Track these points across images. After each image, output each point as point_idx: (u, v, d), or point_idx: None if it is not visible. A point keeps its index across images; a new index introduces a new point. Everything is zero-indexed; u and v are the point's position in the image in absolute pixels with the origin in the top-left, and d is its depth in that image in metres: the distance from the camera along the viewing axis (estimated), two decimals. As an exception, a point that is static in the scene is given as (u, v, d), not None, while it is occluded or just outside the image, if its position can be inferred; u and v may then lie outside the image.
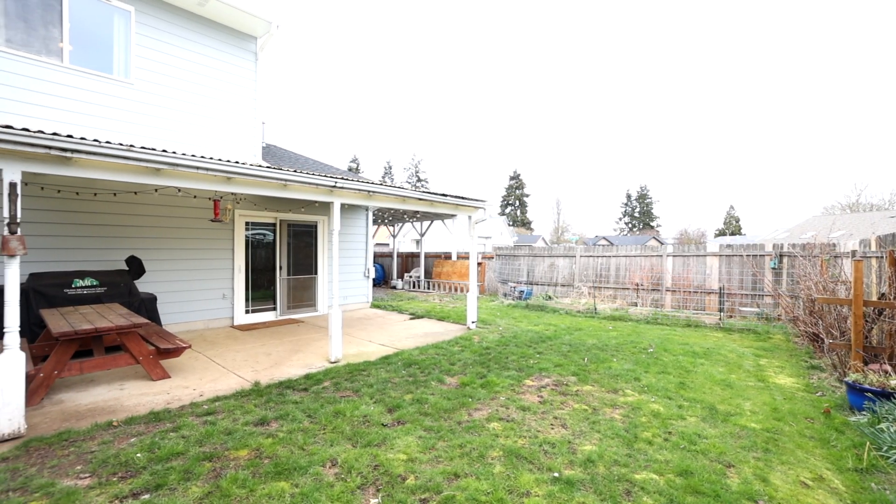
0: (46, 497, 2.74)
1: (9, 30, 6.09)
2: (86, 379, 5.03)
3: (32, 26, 6.29)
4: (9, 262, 3.64)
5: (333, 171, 12.02)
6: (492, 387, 4.95)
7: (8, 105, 6.00)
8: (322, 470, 3.08)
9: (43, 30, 6.36)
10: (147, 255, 7.24)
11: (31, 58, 6.23)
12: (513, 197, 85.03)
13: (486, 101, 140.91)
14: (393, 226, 19.08)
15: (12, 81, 6.06)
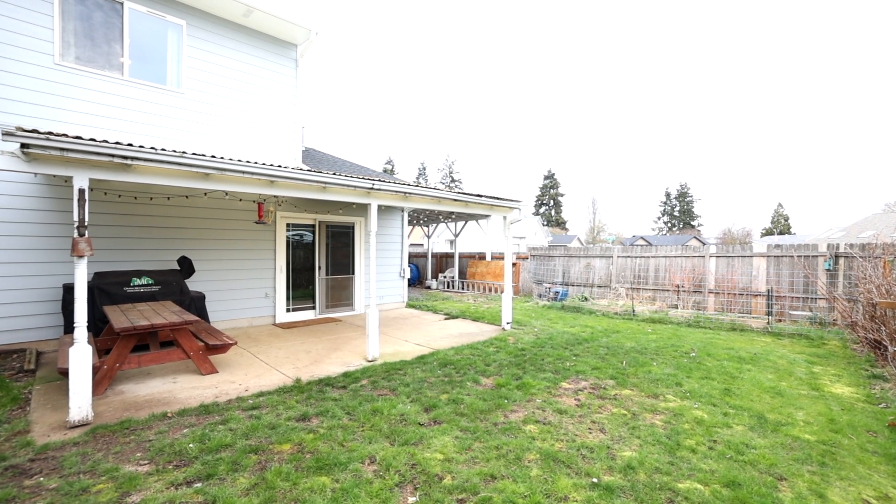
0: (112, 481, 2.95)
1: (78, 48, 6.62)
2: (143, 372, 5.38)
3: (98, 44, 6.79)
4: (78, 263, 3.93)
5: (370, 173, 12.26)
6: (528, 389, 4.92)
7: (76, 117, 6.50)
8: (361, 467, 3.16)
9: (106, 47, 6.86)
10: (196, 256, 7.65)
11: (97, 73, 6.73)
12: (547, 196, 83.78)
13: (519, 101, 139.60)
14: (427, 226, 19.24)
15: (80, 95, 6.58)
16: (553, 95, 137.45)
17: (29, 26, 6.20)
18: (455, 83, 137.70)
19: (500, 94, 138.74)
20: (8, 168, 3.66)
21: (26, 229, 6.11)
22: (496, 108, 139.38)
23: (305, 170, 5.48)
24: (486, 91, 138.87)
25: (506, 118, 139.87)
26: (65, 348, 4.71)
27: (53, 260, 6.29)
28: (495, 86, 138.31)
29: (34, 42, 6.25)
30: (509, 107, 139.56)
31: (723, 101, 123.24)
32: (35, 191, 6.19)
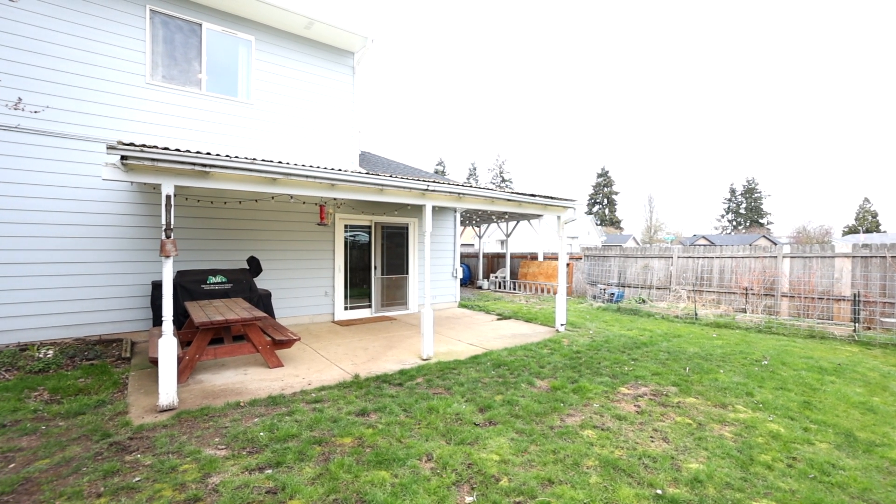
0: (195, 462, 3.23)
1: (164, 68, 7.32)
2: (218, 363, 5.83)
3: (180, 63, 7.47)
4: (164, 262, 4.34)
5: (422, 175, 12.47)
6: (584, 392, 4.80)
7: (161, 129, 7.18)
8: (419, 463, 3.24)
9: (187, 65, 7.53)
10: (263, 256, 8.17)
11: (179, 89, 7.40)
12: (601, 195, 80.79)
13: (571, 98, 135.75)
14: (479, 226, 19.24)
15: (165, 109, 7.26)
16: (607, 91, 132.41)
17: (126, 51, 6.94)
18: (505, 82, 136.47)
19: (551, 91, 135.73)
20: (111, 178, 4.12)
21: (121, 232, 6.83)
22: (547, 107, 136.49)
23: (363, 173, 5.69)
24: (536, 89, 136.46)
25: (557, 116, 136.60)
26: (154, 339, 5.23)
27: (143, 259, 6.98)
28: (546, 83, 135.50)
29: (131, 65, 6.99)
30: (560, 104, 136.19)
31: (794, 90, 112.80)
32: (127, 197, 6.89)
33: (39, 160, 6.24)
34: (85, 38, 6.60)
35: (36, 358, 5.40)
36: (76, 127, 6.49)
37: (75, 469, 3.11)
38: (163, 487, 2.90)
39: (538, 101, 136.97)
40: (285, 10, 7.85)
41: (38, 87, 6.17)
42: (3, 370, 5.06)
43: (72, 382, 4.85)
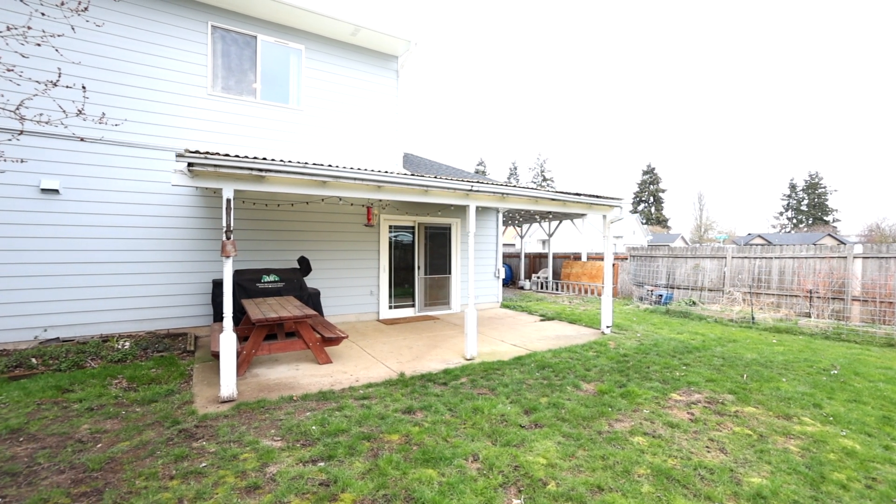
0: (254, 452, 3.42)
1: (223, 79, 7.80)
2: (271, 358, 6.13)
3: (236, 74, 7.92)
4: (225, 262, 4.62)
5: (464, 175, 12.49)
6: (633, 397, 4.65)
7: (220, 137, 7.64)
8: (465, 463, 3.26)
9: (243, 75, 7.98)
10: (312, 256, 8.50)
11: (237, 98, 7.86)
12: (646, 193, 77.44)
13: (614, 95, 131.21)
14: (520, 226, 19.03)
15: (224, 118, 7.73)
16: (652, 86, 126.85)
17: (191, 66, 7.45)
18: (546, 80, 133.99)
19: (593, 88, 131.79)
20: (179, 183, 4.44)
21: (185, 234, 7.33)
22: (589, 104, 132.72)
23: (408, 174, 5.79)
24: (578, 86, 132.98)
25: (599, 114, 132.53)
26: (215, 335, 5.57)
27: (203, 259, 7.46)
28: (588, 80, 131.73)
29: (195, 78, 7.49)
30: (603, 101, 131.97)
31: (863, 76, 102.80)
32: (189, 202, 7.39)
33: (117, 168, 6.81)
34: (156, 56, 7.15)
35: (115, 349, 5.91)
36: (148, 137, 7.04)
37: (151, 452, 3.38)
38: (226, 474, 3.09)
39: (580, 99, 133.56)
40: (333, 18, 8.12)
41: (117, 101, 6.74)
42: (90, 359, 5.59)
43: (145, 372, 5.27)
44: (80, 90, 4.94)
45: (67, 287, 6.45)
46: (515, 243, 35.34)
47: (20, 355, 5.44)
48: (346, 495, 2.86)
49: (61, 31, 5.14)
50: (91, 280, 6.60)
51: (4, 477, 3.04)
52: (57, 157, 6.35)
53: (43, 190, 6.28)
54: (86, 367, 5.44)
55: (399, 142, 9.67)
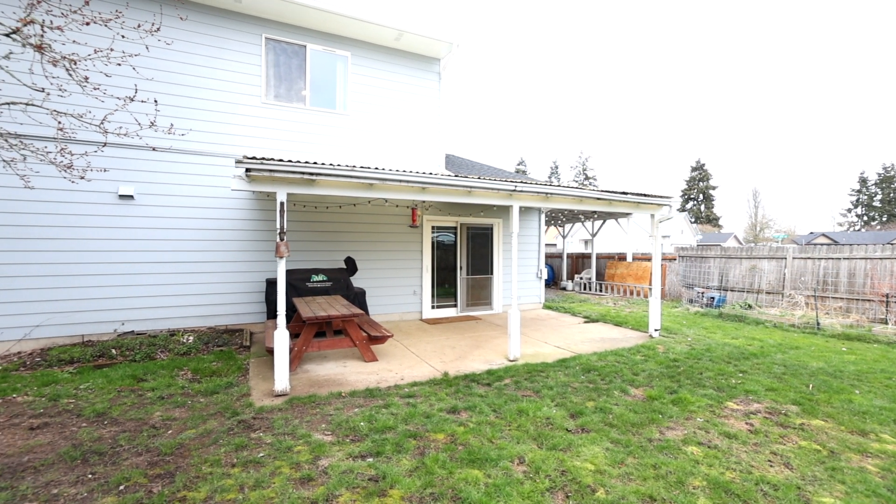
0: (306, 445, 3.58)
1: (276, 88, 8.20)
2: (320, 355, 6.37)
3: (287, 82, 8.30)
4: (279, 262, 4.87)
5: (508, 175, 12.42)
6: (685, 405, 4.46)
7: (273, 143, 8.03)
8: (511, 465, 3.26)
9: (294, 84, 8.35)
10: (358, 256, 8.76)
11: (288, 105, 8.23)
12: (695, 190, 73.38)
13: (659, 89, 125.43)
14: (563, 226, 18.66)
15: (277, 125, 8.11)
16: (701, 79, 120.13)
17: (247, 76, 7.89)
18: (587, 77, 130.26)
19: (636, 83, 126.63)
20: (238, 188, 4.74)
21: (240, 235, 7.77)
22: (632, 100, 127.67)
23: (452, 175, 5.84)
24: (620, 82, 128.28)
25: (643, 109, 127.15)
26: (269, 331, 5.87)
27: (257, 259, 7.87)
28: (630, 75, 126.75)
29: (250, 88, 7.92)
30: (648, 96, 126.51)
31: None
32: (244, 205, 7.82)
33: (182, 175, 7.33)
34: (217, 69, 7.63)
35: (181, 342, 6.37)
36: (208, 145, 7.52)
37: (214, 440, 3.63)
38: (282, 465, 3.26)
39: (622, 95, 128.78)
40: (378, 24, 8.32)
41: (183, 113, 7.25)
42: (160, 351, 6.08)
43: (207, 365, 5.64)
44: (153, 104, 5.37)
45: (141, 285, 7.03)
46: (557, 243, 34.56)
47: (102, 346, 6.00)
48: (395, 492, 2.94)
49: (137, 50, 5.62)
50: (160, 279, 7.15)
51: (94, 455, 3.36)
52: (132, 165, 6.93)
53: (120, 196, 6.88)
54: (156, 359, 5.90)
55: (441, 143, 9.76)
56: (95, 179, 6.27)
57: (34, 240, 6.39)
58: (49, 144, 5.01)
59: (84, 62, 3.80)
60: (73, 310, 6.58)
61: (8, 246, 6.27)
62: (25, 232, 6.34)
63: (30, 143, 4.11)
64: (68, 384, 4.94)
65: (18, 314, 6.29)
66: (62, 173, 4.41)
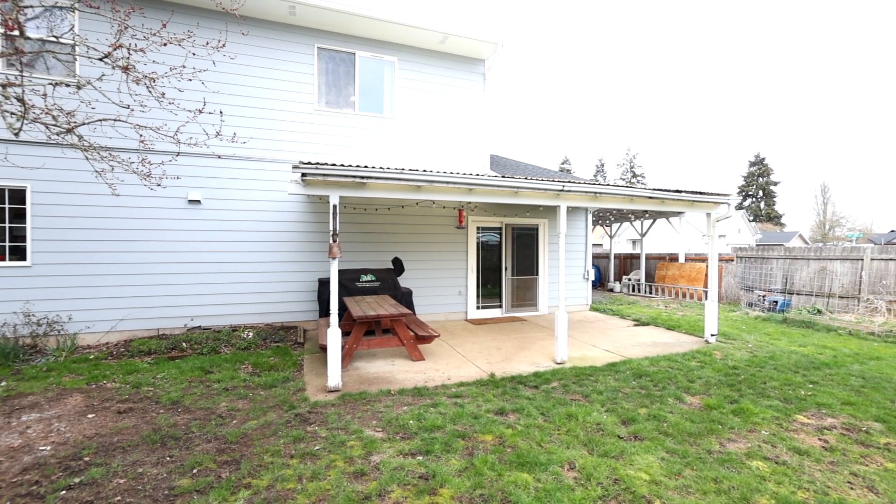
0: (358, 440, 3.72)
1: (327, 95, 8.55)
2: (369, 353, 6.57)
3: (338, 89, 8.63)
4: (332, 263, 5.07)
5: (553, 175, 12.23)
6: (747, 416, 4.23)
7: (324, 148, 8.37)
8: (561, 471, 3.23)
9: (343, 90, 8.66)
10: (405, 257, 8.95)
11: (338, 111, 8.55)
12: (754, 186, 68.26)
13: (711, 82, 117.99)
14: (610, 226, 18.09)
15: (328, 130, 8.46)
16: (759, 69, 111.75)
17: (301, 85, 8.28)
18: (633, 72, 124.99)
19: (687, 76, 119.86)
20: (295, 192, 5.00)
21: (294, 237, 8.16)
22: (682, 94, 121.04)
23: (498, 176, 5.84)
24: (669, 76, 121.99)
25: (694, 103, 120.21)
26: (322, 329, 6.13)
27: (309, 259, 8.24)
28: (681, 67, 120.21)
29: (303, 96, 8.31)
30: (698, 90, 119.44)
31: None
32: (297, 207, 8.20)
33: (243, 181, 7.81)
34: (273, 79, 8.06)
35: (241, 338, 6.80)
36: (266, 151, 7.96)
37: (274, 432, 3.85)
38: (336, 458, 3.40)
39: (672, 88, 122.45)
40: (423, 28, 8.45)
41: (244, 122, 7.71)
42: (223, 345, 6.53)
43: (265, 360, 5.99)
44: (218, 115, 5.77)
45: (207, 283, 7.57)
46: (603, 243, 33.53)
47: (174, 339, 6.54)
48: (445, 491, 2.99)
49: (206, 66, 6.06)
50: (224, 277, 7.66)
51: (171, 440, 3.68)
52: (200, 172, 7.47)
53: (189, 201, 7.44)
54: (220, 353, 6.33)
55: (486, 144, 9.76)
56: (169, 186, 6.84)
57: (119, 242, 7.07)
58: (132, 155, 5.52)
59: (161, 79, 4.15)
60: (150, 305, 7.21)
61: (98, 248, 6.97)
62: (112, 235, 7.03)
63: (117, 155, 4.56)
64: (147, 373, 5.42)
65: (106, 308, 6.99)
66: (143, 181, 4.84)
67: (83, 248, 6.89)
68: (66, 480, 3.08)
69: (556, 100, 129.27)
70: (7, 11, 2.84)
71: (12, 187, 6.61)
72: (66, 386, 5.03)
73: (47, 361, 5.86)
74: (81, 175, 6.58)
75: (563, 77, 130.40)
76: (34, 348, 6.31)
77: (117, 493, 2.94)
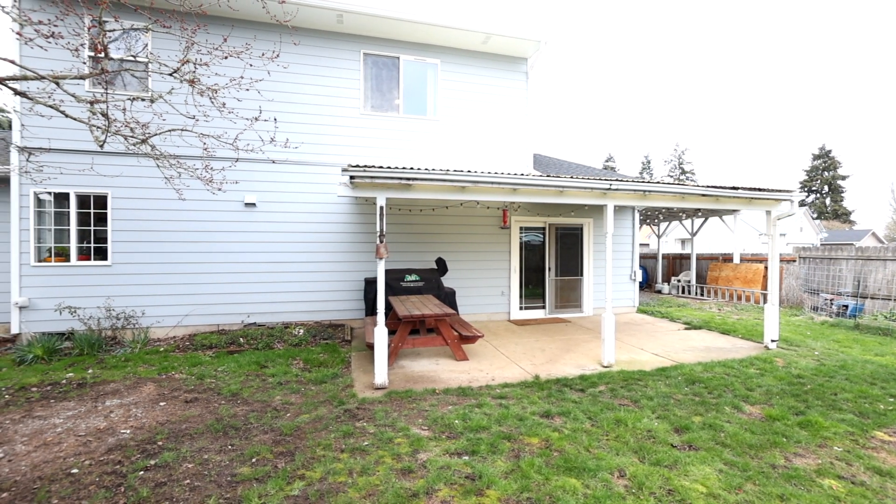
0: (405, 438, 3.80)
1: (372, 99, 8.77)
2: (414, 352, 6.69)
3: (382, 93, 8.84)
4: (378, 263, 5.20)
5: (598, 173, 11.93)
6: (816, 429, 3.95)
7: (369, 151, 8.59)
8: (611, 478, 3.16)
9: (388, 94, 8.86)
10: (448, 257, 9.03)
11: (383, 115, 8.76)
12: (818, 181, 62.79)
13: (767, 72, 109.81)
14: (658, 225, 17.36)
15: (373, 133, 8.68)
16: (822, 56, 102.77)
17: (348, 91, 8.55)
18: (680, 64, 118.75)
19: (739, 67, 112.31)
20: (344, 194, 5.19)
21: (341, 237, 8.44)
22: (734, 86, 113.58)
23: (542, 175, 5.78)
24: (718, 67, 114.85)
25: (748, 95, 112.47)
26: (369, 327, 6.31)
27: (355, 260, 8.49)
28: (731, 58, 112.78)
29: (350, 101, 8.58)
30: (752, 82, 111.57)
31: None
32: (344, 209, 8.47)
33: (293, 184, 8.18)
34: (322, 86, 8.37)
35: (293, 335, 7.13)
36: (315, 156, 8.29)
37: (325, 426, 4.01)
38: (384, 455, 3.50)
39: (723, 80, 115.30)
40: (466, 30, 8.48)
41: (295, 128, 8.06)
42: (276, 342, 6.88)
43: (315, 356, 6.24)
44: (272, 122, 6.07)
45: (261, 282, 7.99)
46: (650, 243, 32.26)
47: (232, 335, 6.96)
48: (492, 492, 3.00)
49: (261, 76, 6.42)
50: (276, 277, 8.06)
51: (231, 430, 3.93)
52: (255, 177, 7.90)
53: (245, 204, 7.89)
54: (274, 348, 6.67)
55: (529, 143, 9.66)
56: (228, 190, 7.29)
57: (184, 243, 7.62)
58: (196, 162, 5.93)
59: (222, 90, 4.42)
60: (211, 302, 7.71)
61: (166, 248, 7.55)
62: (178, 237, 7.59)
63: (183, 162, 4.92)
64: (209, 366, 5.80)
65: (174, 305, 7.56)
66: (206, 186, 5.18)
67: (154, 248, 7.49)
68: (143, 462, 3.36)
69: (599, 96, 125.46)
70: (95, 36, 3.14)
71: (97, 194, 7.31)
72: (141, 375, 5.49)
73: (125, 352, 6.42)
74: (153, 181, 7.17)
75: (606, 72, 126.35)
76: (114, 340, 6.94)
77: (186, 476, 3.17)
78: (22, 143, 6.40)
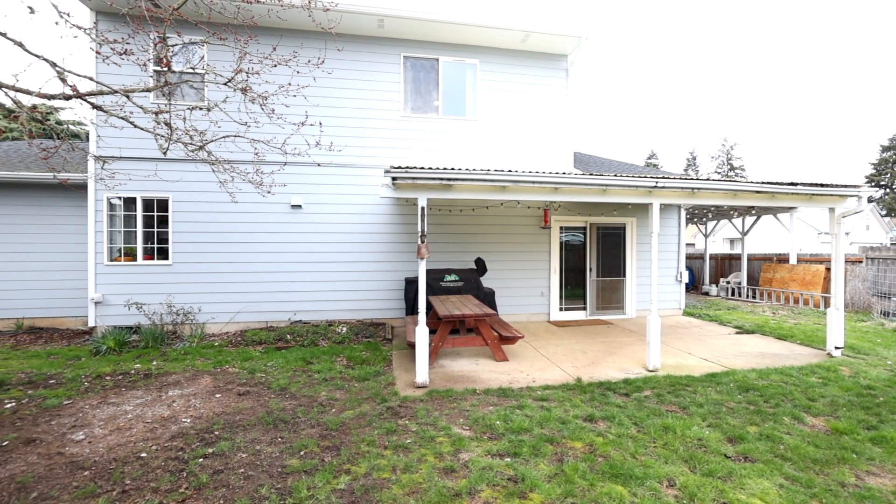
0: (447, 437, 3.83)
1: (412, 101, 8.90)
2: (453, 352, 6.73)
3: (422, 95, 8.94)
4: (419, 263, 5.28)
5: (642, 171, 11.55)
6: (892, 445, 3.66)
7: (409, 152, 8.71)
8: (659, 487, 3.07)
9: (427, 96, 8.95)
10: (487, 257, 9.02)
11: (423, 116, 8.87)
12: (888, 175, 57.31)
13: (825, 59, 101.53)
14: (705, 224, 16.55)
15: (413, 135, 8.80)
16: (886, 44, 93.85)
17: (389, 94, 8.72)
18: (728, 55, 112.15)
19: (793, 54, 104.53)
20: (386, 195, 5.30)
21: (382, 238, 8.62)
22: (788, 74, 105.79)
23: (584, 174, 5.66)
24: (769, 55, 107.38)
25: (802, 84, 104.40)
26: (409, 327, 6.41)
27: (396, 259, 8.64)
28: (784, 46, 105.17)
29: (391, 104, 8.74)
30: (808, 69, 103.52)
31: None
32: (385, 210, 8.64)
33: (337, 186, 8.44)
34: (364, 90, 8.59)
35: (336, 332, 7.37)
36: (358, 158, 8.52)
37: (368, 423, 4.11)
38: (426, 453, 3.54)
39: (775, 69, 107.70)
40: (504, 28, 8.43)
41: (339, 132, 8.31)
42: (321, 339, 7.13)
43: (358, 354, 6.41)
44: (318, 126, 6.28)
45: (306, 281, 8.30)
46: (696, 242, 30.78)
47: (280, 332, 7.28)
48: (535, 496, 2.97)
49: (307, 82, 6.67)
50: (321, 276, 8.35)
51: (281, 423, 4.11)
52: (301, 179, 8.22)
53: (292, 206, 8.23)
54: (318, 345, 6.91)
55: (569, 141, 9.47)
56: (277, 193, 7.66)
57: (236, 243, 8.05)
58: (248, 167, 6.25)
59: (271, 97, 4.63)
60: (260, 300, 8.10)
61: (220, 248, 8.00)
62: (231, 237, 8.03)
63: (236, 167, 5.20)
64: (259, 361, 6.09)
65: (227, 302, 8.00)
66: (256, 189, 5.45)
67: (209, 248, 7.96)
68: (202, 450, 3.58)
69: (641, 91, 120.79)
70: (160, 51, 3.39)
71: (159, 198, 7.86)
72: (199, 368, 5.85)
73: (184, 346, 6.86)
74: (208, 185, 7.62)
75: (648, 66, 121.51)
76: (174, 334, 7.43)
77: (241, 465, 3.35)
78: (98, 152, 6.98)
